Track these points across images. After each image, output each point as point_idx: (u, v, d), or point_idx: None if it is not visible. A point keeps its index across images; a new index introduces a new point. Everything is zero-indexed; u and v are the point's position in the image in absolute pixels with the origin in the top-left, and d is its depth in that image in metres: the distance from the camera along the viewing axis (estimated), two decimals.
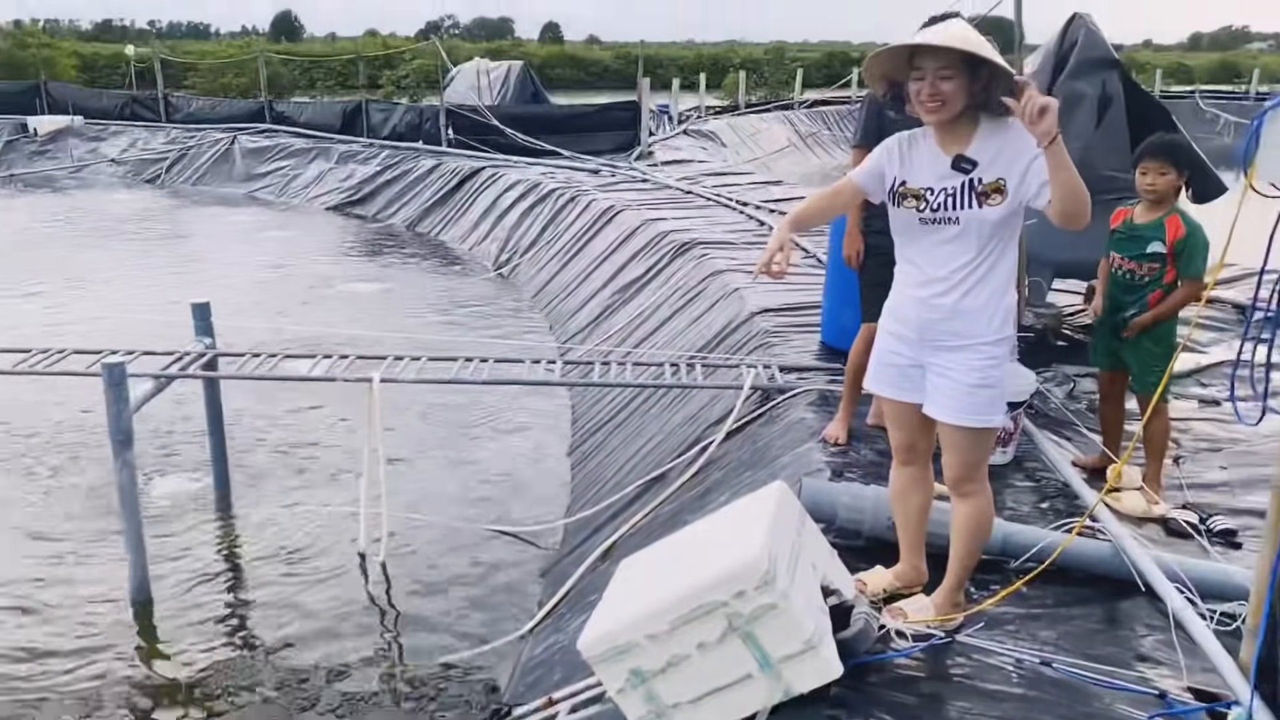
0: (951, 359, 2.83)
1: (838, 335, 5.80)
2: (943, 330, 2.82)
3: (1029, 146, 2.65)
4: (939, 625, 2.97)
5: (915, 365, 2.92)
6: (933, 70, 2.68)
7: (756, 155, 23.68)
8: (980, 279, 2.78)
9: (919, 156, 2.84)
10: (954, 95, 2.69)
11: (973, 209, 2.74)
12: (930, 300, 2.83)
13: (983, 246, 2.77)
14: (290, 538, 5.86)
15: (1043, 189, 2.62)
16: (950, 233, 2.78)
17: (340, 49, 49.76)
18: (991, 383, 2.81)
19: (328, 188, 18.79)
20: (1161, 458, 4.07)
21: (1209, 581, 3.15)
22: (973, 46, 2.63)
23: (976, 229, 2.75)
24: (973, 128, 2.77)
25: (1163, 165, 3.87)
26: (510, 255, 13.40)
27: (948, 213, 2.77)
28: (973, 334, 2.79)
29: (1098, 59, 6.57)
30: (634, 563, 3.02)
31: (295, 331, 9.46)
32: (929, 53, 2.68)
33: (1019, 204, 2.73)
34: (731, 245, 9.35)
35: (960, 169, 2.75)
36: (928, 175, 2.80)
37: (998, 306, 2.80)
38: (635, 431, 6.46)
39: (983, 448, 2.91)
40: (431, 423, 7.62)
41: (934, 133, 2.82)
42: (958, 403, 2.82)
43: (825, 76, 39.82)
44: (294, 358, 6.04)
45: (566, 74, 63.07)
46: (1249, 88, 41.70)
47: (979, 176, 2.73)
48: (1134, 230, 4.01)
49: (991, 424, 2.86)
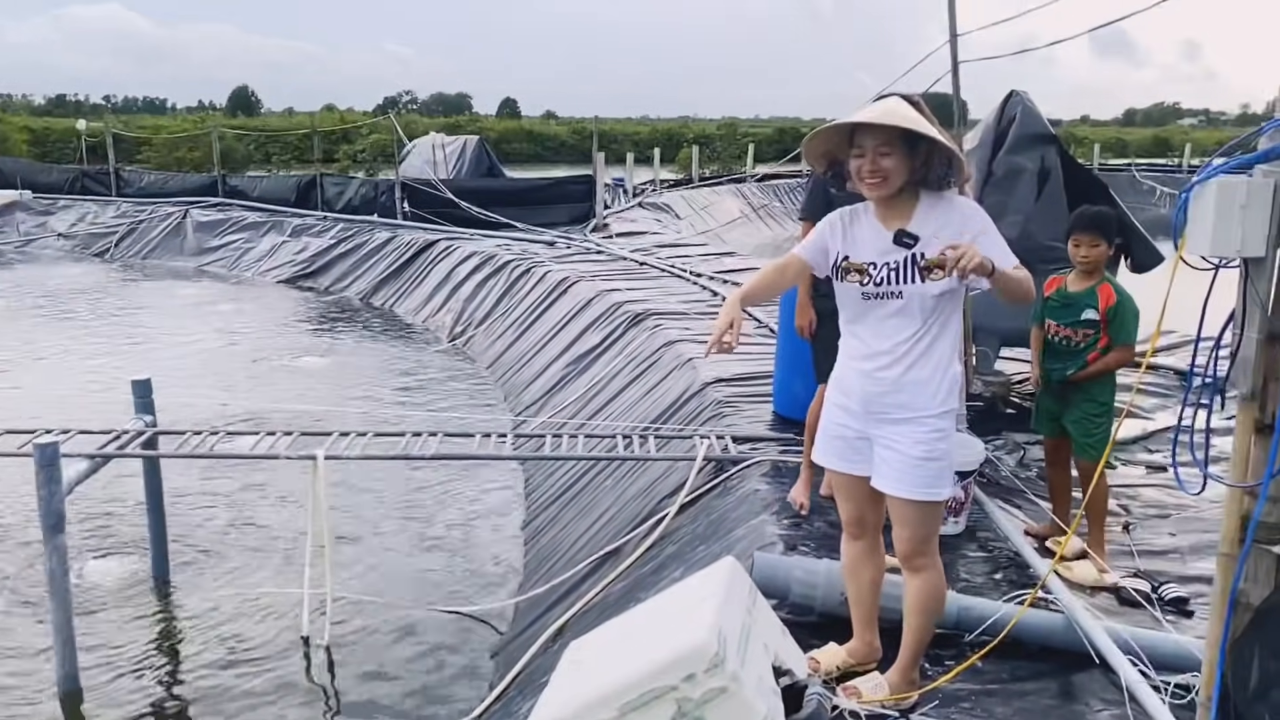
0: (897, 432, 2.81)
1: (789, 404, 5.81)
2: (887, 403, 2.81)
3: (968, 225, 2.72)
4: (894, 704, 2.90)
5: (862, 438, 2.90)
6: (873, 147, 2.71)
7: (710, 227, 24.01)
8: (924, 352, 2.78)
9: (861, 231, 2.85)
10: (895, 171, 2.72)
11: (915, 284, 2.75)
12: (874, 373, 2.82)
13: (926, 319, 2.77)
14: (231, 622, 5.65)
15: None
16: (893, 307, 2.78)
17: (296, 123, 50.00)
18: (938, 455, 2.80)
19: (280, 261, 18.68)
20: (1102, 522, 4.10)
21: (1162, 652, 3.13)
22: (909, 123, 2.67)
23: (920, 303, 2.76)
24: (913, 202, 2.80)
25: (1094, 238, 3.98)
26: (465, 327, 13.35)
27: (891, 287, 2.77)
28: (918, 406, 2.78)
29: (1035, 134, 6.78)
30: (582, 645, 2.93)
31: (241, 407, 9.26)
32: (868, 130, 2.72)
33: (960, 281, 2.76)
34: (685, 315, 9.39)
35: (902, 243, 2.77)
36: (870, 250, 2.81)
37: (942, 379, 2.80)
38: (589, 505, 6.37)
39: (932, 521, 2.88)
40: (381, 499, 7.46)
41: (875, 208, 2.85)
42: (904, 476, 2.80)
43: (776, 151, 40.73)
44: (237, 435, 5.89)
45: (523, 148, 63.95)
46: (1182, 161, 43.50)
47: (921, 251, 2.75)
48: (1067, 298, 4.09)
49: (939, 497, 2.84)
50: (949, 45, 5.07)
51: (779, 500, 4.55)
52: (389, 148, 21.93)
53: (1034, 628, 3.27)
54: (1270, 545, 2.33)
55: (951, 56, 5.12)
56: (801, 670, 2.86)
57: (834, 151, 2.87)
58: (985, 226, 2.76)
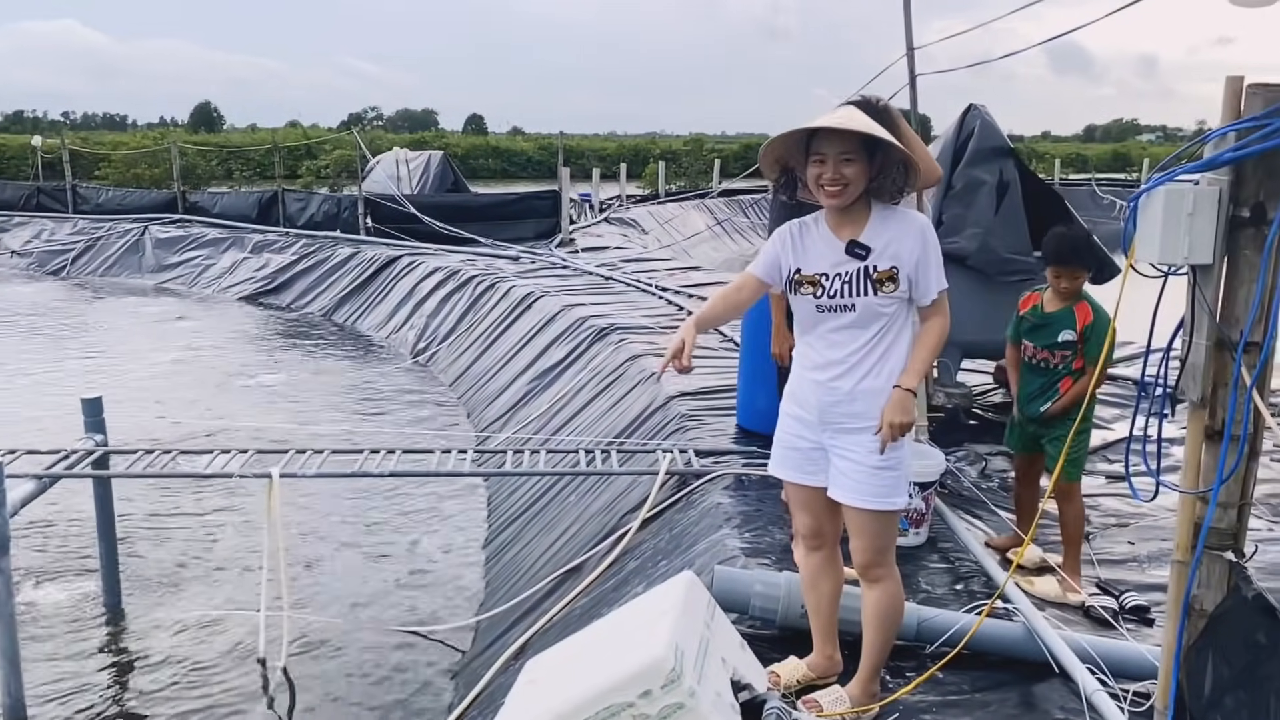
0: (852, 441, 2.80)
1: (752, 418, 5.80)
2: (842, 413, 2.80)
3: (916, 242, 2.75)
4: (854, 717, 2.87)
5: (818, 448, 2.89)
6: (835, 155, 2.69)
7: (675, 241, 24.06)
8: (877, 361, 2.77)
9: (812, 243, 2.84)
10: (856, 179, 2.71)
11: (868, 296, 2.75)
12: (829, 383, 2.81)
13: (879, 330, 2.77)
14: (185, 645, 5.52)
15: (924, 292, 2.78)
16: (847, 318, 2.78)
17: (259, 139, 49.55)
18: (893, 464, 2.79)
19: (241, 277, 18.46)
20: (1078, 545, 4.01)
21: (1121, 660, 3.13)
22: (871, 129, 2.67)
23: (873, 314, 2.76)
24: (865, 213, 2.79)
25: (1074, 270, 3.89)
26: (428, 343, 13.25)
27: (843, 299, 2.77)
28: (872, 415, 2.76)
29: (993, 148, 6.85)
30: (538, 664, 2.88)
31: (199, 425, 9.11)
32: (830, 138, 2.69)
33: (910, 296, 2.79)
34: (650, 330, 9.37)
35: (854, 254, 2.76)
36: (822, 261, 2.80)
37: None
38: (552, 521, 6.31)
39: (889, 531, 2.87)
40: (340, 517, 7.35)
41: (828, 217, 2.84)
42: (860, 485, 2.78)
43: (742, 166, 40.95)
44: (191, 453, 5.77)
45: (489, 164, 63.84)
46: (1140, 176, 44.27)
47: (874, 264, 2.75)
48: (1045, 318, 4.00)
49: (895, 506, 2.83)
50: (906, 59, 5.11)
51: (741, 514, 4.53)
52: (352, 163, 21.78)
53: (994, 638, 3.26)
54: (1222, 551, 2.34)
55: (909, 70, 5.16)
56: (761, 684, 2.83)
57: (786, 158, 2.86)
58: (928, 248, 2.77)
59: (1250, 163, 2.16)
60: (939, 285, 2.80)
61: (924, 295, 2.79)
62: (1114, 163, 60.46)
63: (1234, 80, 2.18)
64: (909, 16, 5.09)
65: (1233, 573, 2.34)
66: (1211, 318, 2.24)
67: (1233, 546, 2.35)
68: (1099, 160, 60.68)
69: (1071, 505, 3.96)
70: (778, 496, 4.61)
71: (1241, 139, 2.14)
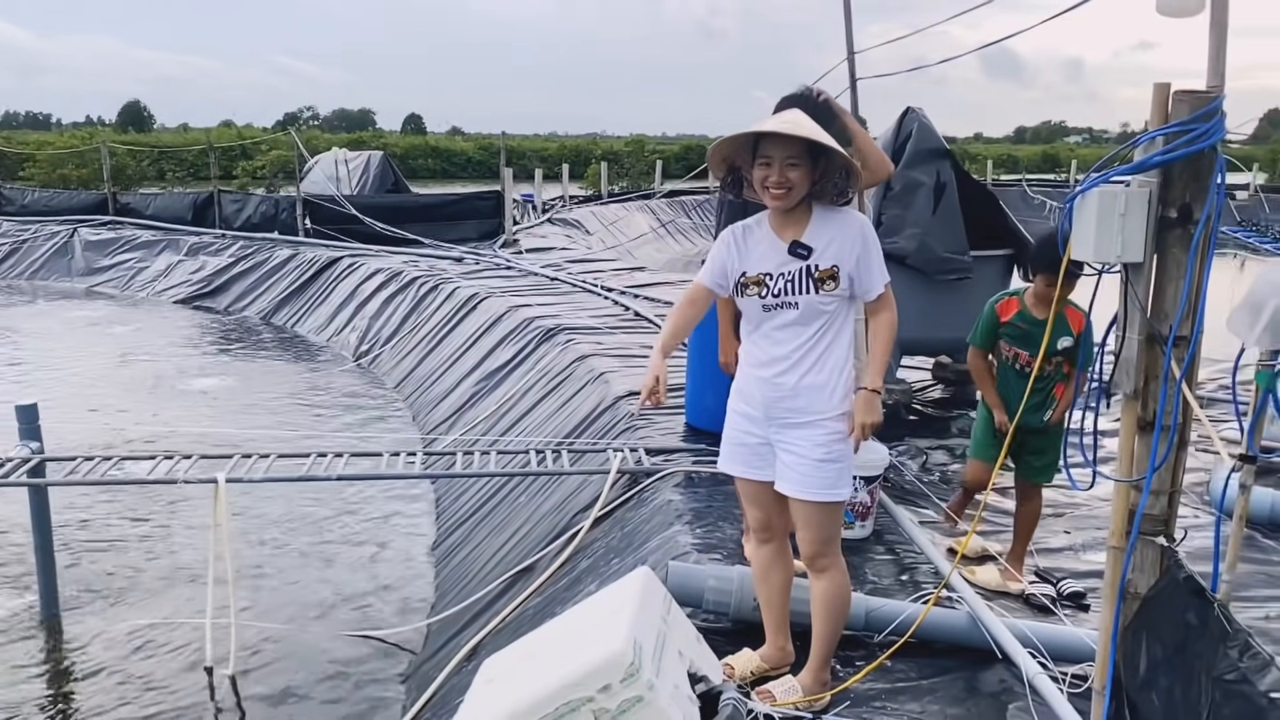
0: (797, 435, 2.88)
1: (701, 416, 5.86)
2: (786, 408, 2.89)
3: (856, 241, 2.85)
4: (806, 706, 2.95)
5: (765, 444, 2.97)
6: (780, 159, 2.77)
7: (620, 242, 24.11)
8: (820, 356, 2.87)
9: (755, 244, 2.92)
10: (800, 182, 2.80)
11: (810, 294, 2.85)
12: (773, 379, 2.89)
13: (821, 326, 2.87)
14: (128, 656, 5.40)
15: (869, 288, 2.87)
16: (790, 316, 2.87)
17: (192, 139, 48.37)
18: (837, 456, 2.88)
19: (176, 280, 18.05)
20: (1028, 539, 4.07)
21: (1060, 645, 3.26)
22: (816, 135, 2.75)
23: (815, 312, 2.86)
24: (807, 214, 2.88)
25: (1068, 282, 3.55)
26: (370, 345, 13.10)
27: (787, 298, 2.86)
28: (816, 410, 2.86)
29: (931, 149, 7.01)
30: (495, 663, 2.90)
31: (137, 431, 8.92)
32: (777, 141, 2.77)
33: (852, 294, 2.89)
34: (597, 330, 9.40)
35: (797, 254, 2.86)
36: (766, 262, 2.89)
37: (838, 382, 2.89)
38: (502, 522, 6.31)
39: (834, 522, 2.95)
40: (287, 522, 7.25)
41: (770, 219, 2.92)
42: (806, 478, 2.87)
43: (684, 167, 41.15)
44: (132, 459, 5.66)
45: (429, 164, 63.17)
46: (1069, 176, 45.51)
47: (815, 263, 2.84)
48: (1034, 323, 3.82)
49: (840, 497, 2.92)
50: (848, 63, 5.21)
51: (692, 510, 4.59)
52: (290, 164, 21.43)
53: (940, 626, 3.36)
54: (1155, 536, 2.45)
55: (849, 74, 5.26)
56: (717, 676, 2.89)
57: (734, 158, 2.93)
58: (868, 245, 2.87)
59: (1177, 165, 2.27)
60: (882, 280, 2.90)
61: (869, 291, 2.89)
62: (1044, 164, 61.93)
63: (1161, 87, 2.29)
64: (849, 21, 5.19)
65: (1165, 557, 2.45)
66: (1143, 314, 2.35)
67: (1164, 532, 2.46)
68: (1029, 161, 62.10)
69: (1033, 503, 4.01)
70: (728, 493, 4.67)
71: (1169, 143, 2.25)
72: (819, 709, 2.96)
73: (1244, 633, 2.09)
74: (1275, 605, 3.93)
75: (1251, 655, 2.02)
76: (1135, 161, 2.31)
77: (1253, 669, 2.01)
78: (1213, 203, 2.27)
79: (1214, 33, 2.27)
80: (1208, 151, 2.24)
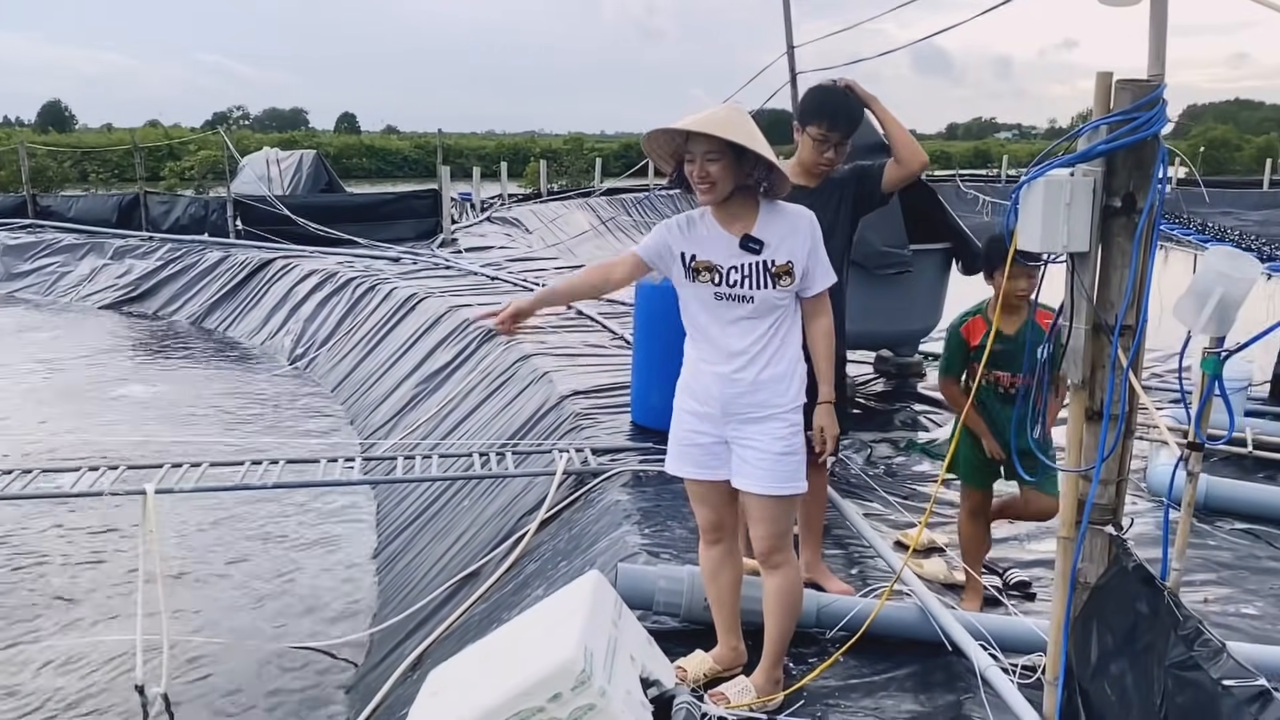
0: (757, 430, 2.86)
1: (647, 414, 5.81)
2: (746, 403, 2.85)
3: (808, 236, 2.85)
4: (760, 706, 2.91)
5: (719, 442, 2.92)
6: (701, 154, 2.78)
7: (560, 240, 23.99)
8: (777, 350, 2.85)
9: (701, 234, 2.90)
10: (721, 176, 2.78)
11: (766, 289, 2.82)
12: (732, 375, 2.85)
13: (775, 321, 2.85)
14: (55, 677, 5.17)
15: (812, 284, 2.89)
16: (744, 309, 2.84)
17: (116, 139, 46.96)
18: (795, 450, 2.87)
19: (102, 285, 17.47)
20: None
21: (1009, 635, 3.26)
22: (728, 131, 2.71)
23: (770, 306, 2.83)
24: (754, 209, 2.87)
25: (1030, 271, 3.31)
26: (306, 349, 12.81)
27: (743, 290, 2.82)
28: (775, 404, 2.84)
29: (870, 144, 7.03)
30: (441, 674, 2.81)
31: (60, 441, 8.58)
32: (696, 138, 2.78)
33: (800, 287, 2.88)
34: (540, 329, 9.28)
35: (749, 248, 2.83)
36: (717, 253, 2.86)
37: (794, 374, 2.88)
38: (446, 527, 6.19)
39: (788, 516, 2.93)
40: (221, 533, 7.03)
41: (713, 213, 2.90)
42: (767, 473, 2.84)
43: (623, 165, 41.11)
44: (56, 472, 5.41)
45: (364, 164, 62.29)
46: (1000, 171, 46.51)
47: (771, 258, 2.82)
48: (1008, 341, 3.51)
49: (799, 490, 2.90)
50: (787, 58, 5.20)
51: (640, 510, 4.53)
52: (219, 164, 20.89)
53: (891, 620, 3.35)
54: (1103, 525, 2.46)
55: (789, 69, 5.26)
56: (670, 680, 2.84)
57: (678, 151, 2.91)
58: (817, 242, 2.88)
59: (1121, 154, 2.27)
60: (826, 279, 2.89)
61: (810, 287, 2.88)
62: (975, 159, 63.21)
63: (1104, 76, 2.29)
64: (789, 16, 5.19)
65: (1113, 545, 2.46)
66: (1089, 303, 2.35)
67: (1112, 521, 2.47)
68: (962, 158, 63.29)
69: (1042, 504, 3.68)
70: (676, 491, 4.63)
71: (1112, 132, 2.25)
72: (773, 709, 2.92)
73: (1195, 620, 2.10)
74: (1213, 589, 4.01)
75: (1203, 643, 2.03)
76: (1080, 151, 2.31)
77: (1204, 656, 2.01)
78: (1155, 192, 2.28)
79: (1154, 22, 2.28)
80: (1150, 140, 2.25)
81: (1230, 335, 2.36)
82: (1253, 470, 5.39)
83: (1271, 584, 4.07)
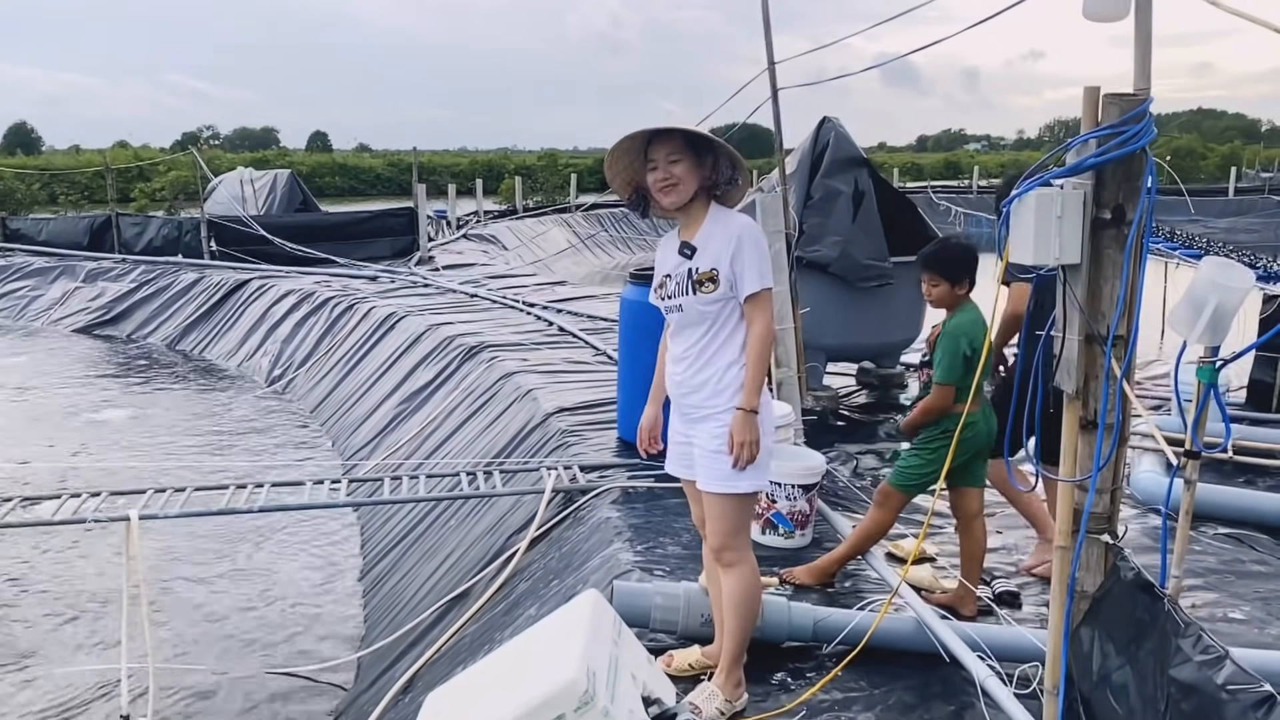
0: (700, 429, 2.96)
1: (634, 430, 5.78)
2: (688, 404, 2.98)
3: (731, 241, 2.86)
4: (729, 708, 2.94)
5: (689, 441, 3.04)
6: (664, 156, 2.87)
7: (538, 257, 23.99)
8: (712, 355, 2.92)
9: (664, 246, 3.07)
10: (685, 176, 2.87)
11: (689, 295, 2.91)
12: (675, 376, 3.01)
13: (709, 326, 2.93)
14: (39, 709, 5.08)
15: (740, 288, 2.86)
16: (678, 316, 2.98)
17: (86, 161, 46.47)
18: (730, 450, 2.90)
19: (74, 308, 17.26)
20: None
21: (1003, 645, 3.27)
22: (689, 126, 2.87)
23: (697, 314, 2.93)
24: (703, 215, 2.95)
25: (931, 276, 3.66)
26: (284, 369, 12.71)
27: (675, 300, 2.95)
28: (709, 405, 2.93)
29: (848, 158, 7.11)
30: (442, 695, 2.79)
31: (38, 468, 8.45)
32: (658, 144, 2.88)
33: (732, 294, 2.88)
34: (521, 346, 9.27)
35: (683, 255, 2.94)
36: (666, 263, 3.01)
37: (725, 379, 2.91)
38: (433, 548, 6.14)
39: (736, 515, 2.95)
40: (204, 558, 6.94)
41: (679, 223, 3.01)
42: (704, 469, 2.94)
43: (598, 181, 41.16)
44: (34, 500, 5.32)
45: (337, 182, 61.90)
46: (970, 182, 46.97)
47: (696, 265, 2.91)
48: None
49: (736, 489, 2.90)
50: (769, 74, 5.24)
51: (631, 526, 4.52)
52: (191, 184, 20.73)
53: (888, 633, 3.35)
54: (1100, 534, 2.48)
55: (771, 84, 5.30)
56: (671, 698, 2.83)
57: (636, 179, 2.99)
58: (743, 245, 2.85)
59: (1110, 167, 2.31)
60: (757, 283, 2.85)
61: (740, 290, 2.87)
62: (946, 170, 63.75)
63: (1091, 90, 2.33)
64: (769, 33, 5.23)
65: (1110, 554, 2.48)
66: (1082, 314, 2.38)
67: (1108, 529, 2.49)
68: (933, 169, 63.85)
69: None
70: (667, 507, 4.63)
71: (1101, 145, 2.29)
72: (739, 709, 2.96)
73: (1196, 626, 2.12)
74: (1200, 594, 4.05)
75: (1205, 649, 2.05)
76: (1070, 164, 2.34)
77: (1207, 663, 2.03)
78: (1145, 203, 2.31)
79: (1139, 36, 2.31)
80: (1139, 153, 2.29)
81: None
82: (1233, 475, 5.46)
83: (1257, 587, 4.11)
